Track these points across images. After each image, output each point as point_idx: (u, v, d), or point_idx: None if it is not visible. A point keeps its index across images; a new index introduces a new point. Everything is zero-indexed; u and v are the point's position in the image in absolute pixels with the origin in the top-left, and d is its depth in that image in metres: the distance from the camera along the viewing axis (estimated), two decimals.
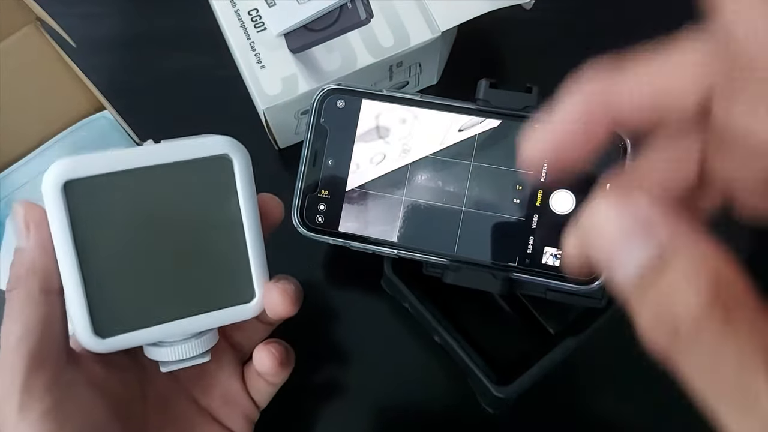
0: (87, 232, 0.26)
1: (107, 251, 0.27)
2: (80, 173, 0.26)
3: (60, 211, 0.26)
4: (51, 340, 0.26)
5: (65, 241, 0.26)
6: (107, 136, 0.43)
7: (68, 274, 0.26)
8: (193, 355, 0.29)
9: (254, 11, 0.41)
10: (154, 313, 0.28)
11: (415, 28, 0.40)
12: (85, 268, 0.26)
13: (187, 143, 0.28)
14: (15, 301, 0.26)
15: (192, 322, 0.28)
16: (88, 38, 0.47)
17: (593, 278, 0.32)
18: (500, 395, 0.35)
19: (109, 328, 0.27)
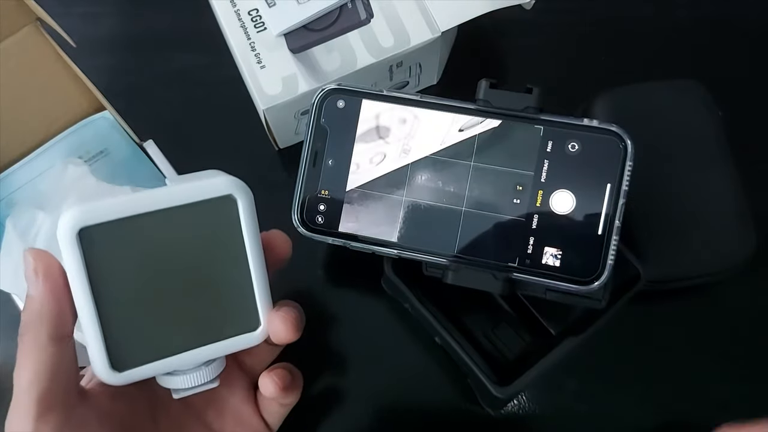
0: (101, 274, 0.28)
1: (121, 290, 0.29)
2: (93, 220, 0.28)
3: (76, 256, 0.27)
4: (60, 383, 0.28)
5: (81, 284, 0.28)
6: (107, 137, 0.43)
7: (85, 314, 0.28)
8: (203, 382, 0.31)
9: (254, 11, 0.41)
10: (167, 345, 0.30)
11: (415, 28, 0.40)
12: (101, 308, 0.28)
13: (194, 185, 0.30)
14: (25, 346, 0.27)
15: (202, 351, 0.30)
16: (88, 38, 0.47)
17: (593, 278, 0.32)
18: (500, 395, 0.35)
19: (125, 362, 0.29)
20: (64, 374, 0.28)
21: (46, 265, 0.28)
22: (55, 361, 0.27)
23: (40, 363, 0.27)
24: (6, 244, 0.39)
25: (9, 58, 0.39)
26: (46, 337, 0.27)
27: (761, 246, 0.40)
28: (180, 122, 0.46)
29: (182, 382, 0.31)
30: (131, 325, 0.29)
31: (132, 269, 0.29)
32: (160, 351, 0.30)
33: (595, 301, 0.34)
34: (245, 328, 0.31)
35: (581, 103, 0.43)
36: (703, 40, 0.49)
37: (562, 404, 0.42)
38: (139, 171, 0.43)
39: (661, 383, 0.42)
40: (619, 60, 0.48)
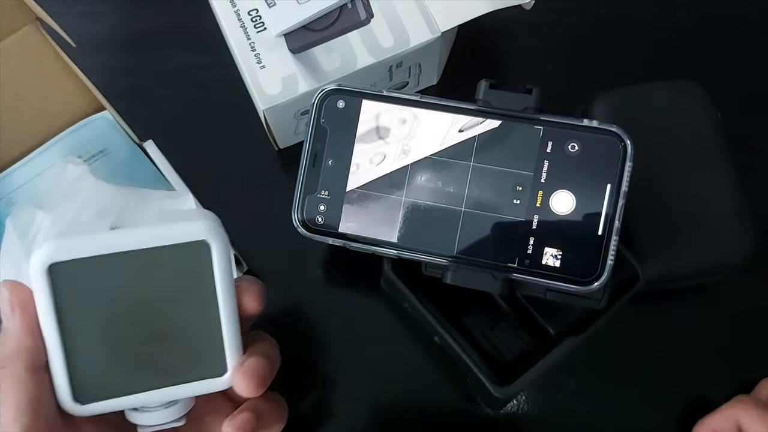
0: (69, 309, 0.29)
1: (87, 326, 0.29)
2: (64, 256, 0.28)
3: (44, 290, 0.28)
4: (42, 414, 0.28)
5: (49, 317, 0.28)
6: (107, 136, 0.43)
7: (51, 347, 0.29)
8: (167, 421, 0.31)
9: (254, 11, 0.41)
10: (130, 383, 0.30)
11: (415, 28, 0.40)
12: (67, 341, 0.29)
13: (169, 228, 0.30)
14: (5, 380, 0.28)
15: (165, 392, 0.30)
16: (88, 37, 0.47)
17: (593, 279, 0.32)
18: (500, 395, 0.35)
19: (87, 396, 0.29)
20: (45, 405, 0.28)
21: (21, 299, 0.28)
22: (36, 393, 0.28)
23: (21, 397, 0.27)
24: (6, 243, 0.39)
25: (9, 58, 0.39)
26: (23, 371, 0.28)
27: (760, 246, 0.40)
28: (180, 122, 0.46)
29: (146, 419, 0.31)
30: (96, 361, 0.29)
31: (100, 307, 0.29)
32: (123, 388, 0.30)
33: (595, 301, 0.34)
34: (211, 374, 0.31)
35: (581, 104, 0.43)
36: (702, 41, 0.49)
37: (562, 404, 0.42)
38: (138, 171, 0.43)
39: (660, 383, 0.42)
40: (618, 60, 0.48)
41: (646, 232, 0.39)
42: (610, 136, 0.32)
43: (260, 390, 0.31)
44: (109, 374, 0.30)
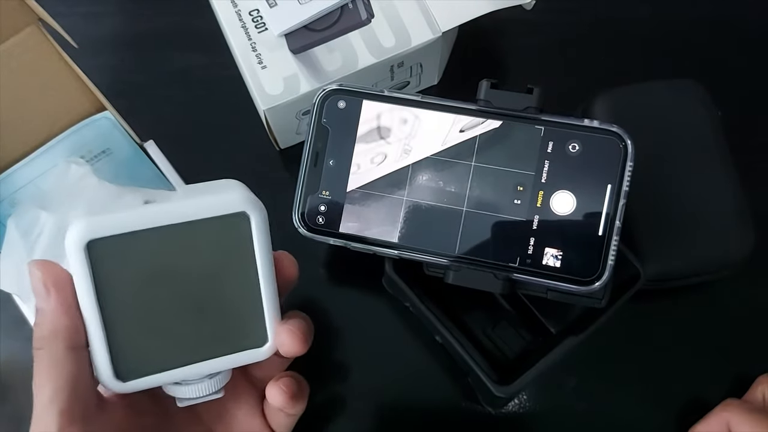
0: (109, 286, 0.28)
1: (128, 302, 0.29)
2: (101, 233, 0.27)
3: (83, 268, 0.27)
4: (80, 395, 0.28)
5: (88, 295, 0.28)
6: (109, 136, 0.43)
7: (91, 324, 0.28)
8: (207, 393, 0.31)
9: (255, 11, 0.41)
10: (171, 358, 0.30)
11: (416, 28, 0.40)
12: (107, 318, 0.28)
13: (207, 200, 0.29)
14: (42, 361, 0.27)
15: (207, 365, 0.30)
16: (90, 38, 0.47)
17: (594, 279, 0.32)
18: (501, 395, 0.35)
19: (129, 372, 0.29)
20: (83, 386, 0.28)
21: (55, 278, 0.28)
22: (74, 373, 0.28)
23: (59, 378, 0.27)
24: (8, 244, 0.39)
25: (11, 59, 0.39)
26: (63, 351, 0.27)
27: (760, 245, 0.40)
28: (181, 122, 0.46)
29: (187, 392, 0.31)
30: (136, 337, 0.29)
31: (140, 282, 0.29)
32: (165, 363, 0.30)
33: (596, 300, 0.34)
34: (253, 344, 0.31)
35: (581, 103, 0.43)
36: (702, 41, 0.49)
37: (562, 403, 0.42)
38: (140, 171, 0.43)
39: (660, 382, 0.42)
40: (618, 60, 0.48)
41: (647, 231, 0.40)
42: (610, 136, 0.32)
43: (304, 347, 0.32)
44: (151, 350, 0.29)
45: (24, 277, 0.38)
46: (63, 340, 0.27)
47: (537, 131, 0.33)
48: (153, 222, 0.28)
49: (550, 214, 0.33)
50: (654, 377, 0.42)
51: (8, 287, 0.39)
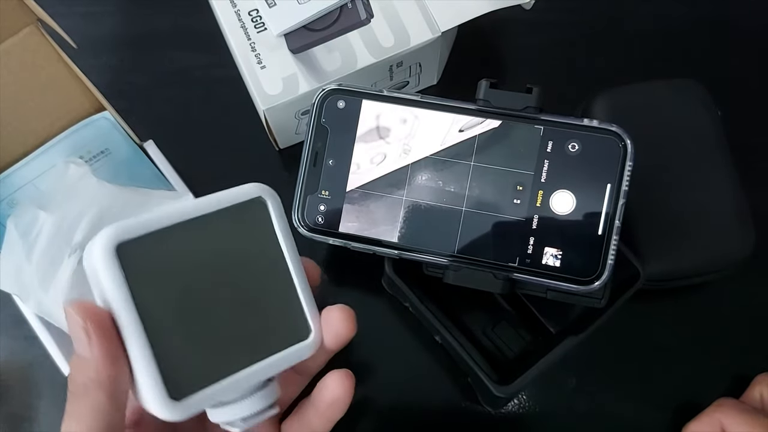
0: (145, 294, 0.26)
1: (166, 310, 0.26)
2: (129, 235, 0.26)
3: (117, 275, 0.25)
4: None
5: (126, 306, 0.25)
6: (108, 137, 0.43)
7: (135, 342, 0.25)
8: (263, 407, 0.29)
9: (254, 11, 0.41)
10: (222, 366, 0.27)
11: (415, 28, 0.40)
12: (150, 333, 0.25)
13: (223, 192, 0.29)
14: (80, 407, 0.25)
15: (258, 369, 0.28)
16: (89, 38, 0.47)
17: (594, 278, 0.32)
18: (500, 395, 0.35)
19: (183, 389, 0.26)
20: (119, 428, 0.26)
21: (97, 321, 0.25)
22: (114, 421, 0.26)
23: (98, 425, 0.25)
24: (7, 244, 0.39)
25: (10, 59, 0.39)
26: (105, 400, 0.25)
27: (760, 245, 0.40)
28: (180, 122, 0.46)
29: (241, 410, 0.28)
30: (183, 348, 0.26)
31: (174, 286, 0.26)
32: (216, 373, 0.27)
33: (595, 300, 0.34)
34: (296, 338, 0.29)
35: (580, 103, 0.43)
36: (702, 41, 0.49)
37: (562, 402, 0.42)
38: (140, 171, 0.43)
39: (660, 382, 0.42)
40: (619, 60, 0.48)
41: (647, 231, 0.40)
42: (610, 136, 0.32)
43: (354, 327, 0.30)
44: (199, 360, 0.26)
45: (23, 278, 0.38)
46: (106, 390, 0.25)
47: (536, 131, 0.33)
48: (176, 218, 0.27)
49: (549, 214, 0.33)
50: (654, 377, 0.42)
51: (8, 287, 0.39)
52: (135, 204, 0.40)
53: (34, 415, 0.42)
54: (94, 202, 0.39)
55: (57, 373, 0.39)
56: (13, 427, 0.42)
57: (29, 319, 0.40)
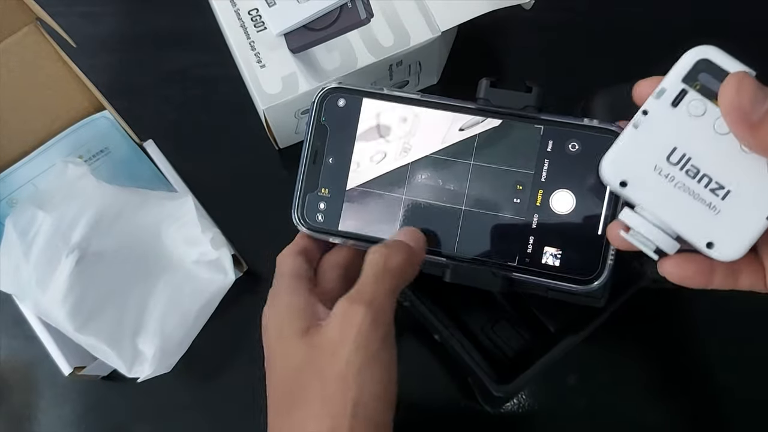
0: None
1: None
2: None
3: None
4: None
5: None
6: (108, 136, 0.43)
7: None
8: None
9: (254, 11, 0.41)
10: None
11: (415, 27, 0.40)
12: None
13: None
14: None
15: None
16: (89, 37, 0.47)
17: (593, 278, 0.32)
18: (500, 394, 0.35)
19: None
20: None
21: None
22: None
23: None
24: (5, 243, 0.39)
25: (9, 58, 0.39)
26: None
27: None
28: (180, 121, 0.47)
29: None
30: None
31: None
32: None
33: (595, 299, 0.34)
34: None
35: (580, 102, 0.43)
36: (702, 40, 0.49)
37: (562, 402, 0.42)
38: (139, 170, 0.43)
39: (660, 382, 0.42)
40: (618, 59, 0.48)
41: None
42: (610, 135, 0.32)
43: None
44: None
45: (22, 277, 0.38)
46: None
47: (536, 130, 0.33)
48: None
49: (549, 213, 0.33)
50: (653, 377, 0.42)
51: (6, 287, 0.39)
52: (134, 204, 0.40)
53: (34, 414, 0.42)
54: (93, 203, 0.39)
55: (57, 373, 0.39)
56: (13, 427, 0.42)
57: (29, 318, 0.40)
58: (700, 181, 0.27)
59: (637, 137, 0.28)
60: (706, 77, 0.28)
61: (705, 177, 0.27)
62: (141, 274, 0.40)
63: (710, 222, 0.27)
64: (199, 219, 0.39)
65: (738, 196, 0.27)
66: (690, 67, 0.28)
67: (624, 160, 0.28)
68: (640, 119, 0.28)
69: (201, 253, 0.40)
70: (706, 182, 0.27)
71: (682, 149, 0.27)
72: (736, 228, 0.27)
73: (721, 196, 0.27)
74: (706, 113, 0.27)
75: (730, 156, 0.27)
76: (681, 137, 0.27)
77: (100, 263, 0.39)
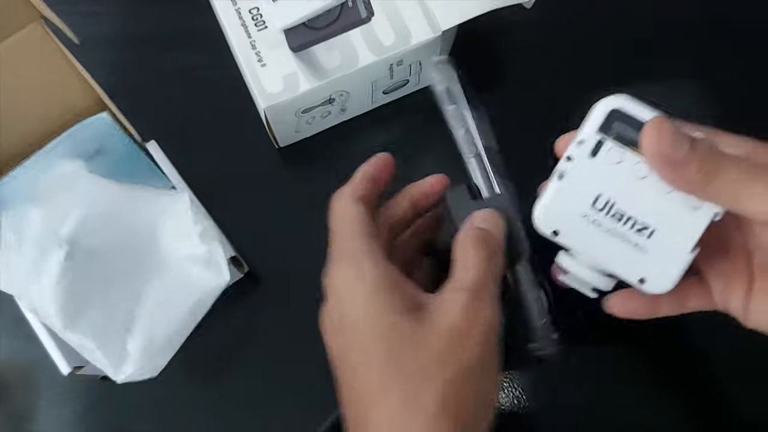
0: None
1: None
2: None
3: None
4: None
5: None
6: (106, 135, 0.42)
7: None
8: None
9: (255, 10, 0.41)
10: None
11: (416, 26, 0.41)
12: None
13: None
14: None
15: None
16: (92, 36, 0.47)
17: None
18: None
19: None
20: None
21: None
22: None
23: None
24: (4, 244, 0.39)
25: (14, 55, 0.39)
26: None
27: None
28: (182, 120, 0.47)
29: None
30: None
31: None
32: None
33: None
34: None
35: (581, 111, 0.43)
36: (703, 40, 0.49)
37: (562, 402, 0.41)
38: (137, 169, 0.43)
39: (660, 381, 0.42)
40: (619, 60, 0.48)
41: None
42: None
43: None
44: None
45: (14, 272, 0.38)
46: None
47: None
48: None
49: None
50: (654, 376, 0.42)
51: (6, 287, 0.39)
52: (128, 200, 0.39)
53: (34, 414, 0.42)
54: (85, 197, 0.39)
55: (57, 373, 0.39)
56: (12, 427, 0.42)
57: (28, 318, 0.39)
58: (626, 224, 0.29)
59: (563, 188, 0.29)
60: (620, 126, 0.29)
61: (630, 219, 0.29)
62: (133, 271, 0.39)
63: (640, 260, 0.29)
64: (193, 213, 0.39)
65: (662, 234, 0.29)
66: (603, 119, 0.29)
67: (553, 211, 0.30)
68: (564, 168, 0.29)
69: (191, 247, 0.38)
70: (632, 224, 0.29)
71: (606, 195, 0.29)
72: (665, 263, 0.29)
73: (647, 235, 0.29)
74: (625, 160, 0.29)
75: (651, 197, 0.29)
76: (603, 184, 0.29)
77: (91, 259, 0.38)
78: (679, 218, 0.29)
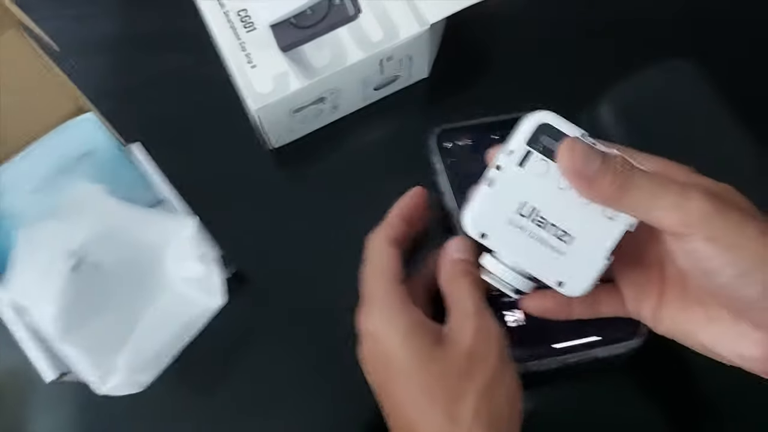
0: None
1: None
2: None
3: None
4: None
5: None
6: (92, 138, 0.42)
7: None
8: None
9: (243, 11, 0.41)
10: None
11: (403, 21, 0.40)
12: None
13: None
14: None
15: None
16: (77, 40, 0.47)
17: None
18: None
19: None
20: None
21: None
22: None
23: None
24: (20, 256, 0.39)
25: None
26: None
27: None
28: (170, 123, 0.46)
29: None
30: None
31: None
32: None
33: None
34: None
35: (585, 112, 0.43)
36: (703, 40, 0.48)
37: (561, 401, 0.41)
38: (123, 172, 0.42)
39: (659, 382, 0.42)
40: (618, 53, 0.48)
41: None
42: None
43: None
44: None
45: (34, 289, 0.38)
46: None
47: None
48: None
49: None
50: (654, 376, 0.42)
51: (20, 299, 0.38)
52: (137, 221, 0.39)
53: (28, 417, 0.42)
54: (100, 216, 0.39)
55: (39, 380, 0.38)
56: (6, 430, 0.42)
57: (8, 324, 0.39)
58: (548, 230, 0.31)
59: (492, 194, 0.32)
60: (547, 140, 0.31)
61: (552, 226, 0.31)
62: (133, 289, 0.39)
63: (559, 264, 0.31)
64: (198, 238, 0.39)
65: (581, 241, 0.31)
66: (532, 132, 0.31)
67: (482, 215, 0.32)
68: (494, 176, 0.32)
69: (190, 269, 0.39)
70: (554, 231, 0.31)
71: (531, 203, 0.31)
72: (582, 268, 0.31)
73: (567, 242, 0.31)
74: (549, 171, 0.31)
75: (572, 207, 0.31)
76: (529, 193, 0.31)
77: (95, 274, 0.38)
78: (596, 227, 0.31)
